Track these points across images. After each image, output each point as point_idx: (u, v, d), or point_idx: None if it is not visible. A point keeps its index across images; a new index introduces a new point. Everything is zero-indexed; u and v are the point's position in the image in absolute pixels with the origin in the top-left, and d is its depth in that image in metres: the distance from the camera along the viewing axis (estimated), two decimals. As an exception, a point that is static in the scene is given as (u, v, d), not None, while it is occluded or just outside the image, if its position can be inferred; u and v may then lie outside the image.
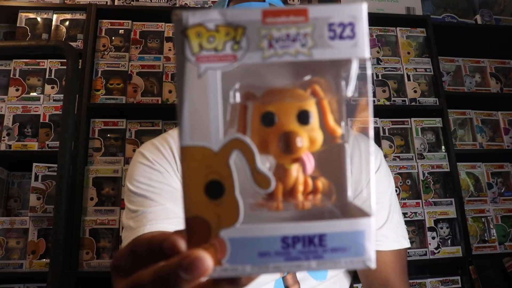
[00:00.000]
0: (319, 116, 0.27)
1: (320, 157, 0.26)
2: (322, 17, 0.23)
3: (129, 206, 0.69)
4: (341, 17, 0.23)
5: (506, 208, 1.53)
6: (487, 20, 1.82)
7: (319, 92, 0.26)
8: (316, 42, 0.23)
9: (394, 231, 0.74)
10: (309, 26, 0.23)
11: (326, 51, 0.23)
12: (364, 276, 0.75)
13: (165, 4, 1.61)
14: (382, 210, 0.75)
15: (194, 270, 0.23)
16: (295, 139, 0.25)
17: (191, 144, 0.24)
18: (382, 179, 0.77)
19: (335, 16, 0.23)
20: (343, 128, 0.25)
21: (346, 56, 0.23)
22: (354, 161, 0.75)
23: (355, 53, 0.23)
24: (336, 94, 0.26)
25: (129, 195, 0.70)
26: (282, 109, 0.25)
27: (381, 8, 1.71)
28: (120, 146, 1.42)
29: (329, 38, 0.23)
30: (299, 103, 0.25)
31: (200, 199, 0.24)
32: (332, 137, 0.25)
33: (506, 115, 1.65)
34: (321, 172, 0.26)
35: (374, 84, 1.56)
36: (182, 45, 0.21)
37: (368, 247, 0.25)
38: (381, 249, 0.72)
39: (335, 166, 0.25)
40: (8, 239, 1.31)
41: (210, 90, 0.23)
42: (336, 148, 0.25)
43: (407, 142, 1.54)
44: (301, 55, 0.23)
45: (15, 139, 1.38)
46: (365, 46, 0.23)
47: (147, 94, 1.48)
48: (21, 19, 1.52)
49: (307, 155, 0.26)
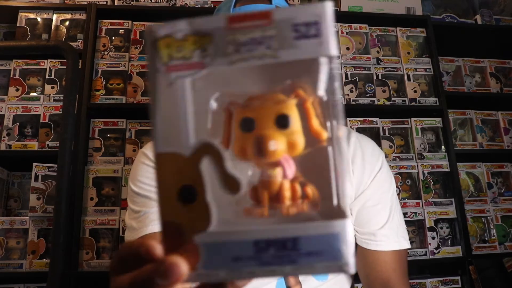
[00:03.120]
0: (303, 119, 0.26)
1: (305, 161, 0.26)
2: (286, 18, 0.23)
3: (132, 206, 0.70)
4: (305, 17, 0.23)
5: (506, 208, 1.53)
6: (487, 20, 1.82)
7: (302, 95, 0.26)
8: (282, 43, 0.23)
9: (395, 232, 0.74)
10: (274, 28, 0.23)
11: (292, 51, 0.23)
12: (365, 277, 0.75)
13: (165, 4, 1.61)
14: (383, 211, 0.74)
15: (169, 276, 0.23)
16: (268, 143, 0.25)
17: (163, 151, 0.24)
18: (383, 180, 0.76)
19: (299, 16, 0.23)
20: (329, 130, 0.24)
21: (312, 55, 0.23)
22: (356, 161, 0.76)
23: (321, 51, 0.23)
24: (320, 97, 0.25)
25: (132, 196, 0.71)
26: (261, 115, 0.25)
27: (381, 8, 1.71)
28: (120, 146, 1.42)
29: (294, 39, 0.23)
30: (278, 107, 0.25)
31: (174, 204, 0.24)
32: (318, 140, 0.25)
33: (506, 115, 1.65)
34: (306, 176, 0.25)
35: (374, 84, 1.56)
36: (153, 56, 0.21)
37: (345, 250, 0.24)
38: (381, 249, 0.72)
39: (318, 170, 0.24)
40: (8, 239, 1.31)
41: (179, 97, 0.23)
42: (320, 151, 0.24)
43: (407, 142, 1.54)
44: (267, 58, 0.23)
45: (15, 139, 1.38)
46: (331, 43, 0.23)
47: (147, 94, 1.48)
48: (21, 19, 1.52)
49: (286, 159, 0.26)
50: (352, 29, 1.62)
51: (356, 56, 1.58)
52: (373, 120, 1.52)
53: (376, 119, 1.53)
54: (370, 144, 0.80)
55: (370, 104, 1.53)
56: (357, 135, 0.81)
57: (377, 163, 0.77)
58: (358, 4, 1.70)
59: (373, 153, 0.78)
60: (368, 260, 0.74)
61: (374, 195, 0.74)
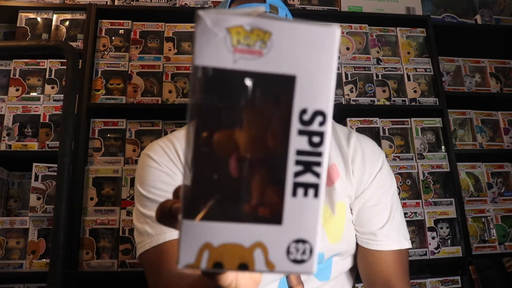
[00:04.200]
0: None
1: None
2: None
3: (142, 210, 0.70)
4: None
5: (506, 208, 1.53)
6: (487, 20, 1.82)
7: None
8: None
9: (396, 231, 0.74)
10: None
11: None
12: (366, 277, 0.75)
13: (165, 4, 1.61)
14: (384, 211, 0.74)
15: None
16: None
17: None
18: (384, 180, 0.76)
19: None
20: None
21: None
22: (356, 161, 0.76)
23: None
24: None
25: (141, 199, 0.71)
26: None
27: (381, 8, 1.71)
28: (120, 146, 1.42)
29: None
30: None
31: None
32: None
33: (506, 115, 1.65)
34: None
35: (374, 84, 1.56)
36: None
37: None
38: (382, 249, 0.72)
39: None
40: (8, 239, 1.31)
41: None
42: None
43: (407, 142, 1.54)
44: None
45: (15, 139, 1.38)
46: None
47: (147, 94, 1.48)
48: (21, 19, 1.52)
49: None
50: (352, 29, 1.62)
51: (356, 56, 1.58)
52: (373, 120, 1.52)
53: (376, 119, 1.53)
54: (371, 144, 0.80)
55: (370, 104, 1.53)
56: (357, 135, 0.81)
57: (377, 162, 0.77)
58: (358, 4, 1.70)
59: (374, 152, 0.78)
60: (369, 260, 0.74)
61: (374, 195, 0.75)
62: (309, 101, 0.25)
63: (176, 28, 1.55)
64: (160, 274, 0.64)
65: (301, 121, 0.25)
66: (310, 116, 0.25)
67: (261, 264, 0.25)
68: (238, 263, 0.25)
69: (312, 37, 0.25)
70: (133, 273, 1.29)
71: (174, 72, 1.49)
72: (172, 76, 1.49)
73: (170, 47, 1.53)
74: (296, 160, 0.25)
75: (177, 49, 1.53)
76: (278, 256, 0.25)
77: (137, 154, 1.41)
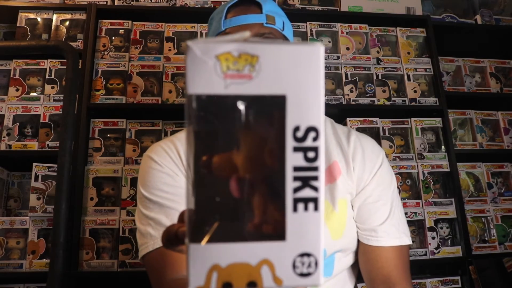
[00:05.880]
0: None
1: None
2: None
3: (144, 211, 0.70)
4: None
5: (506, 208, 1.52)
6: (487, 20, 1.82)
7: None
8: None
9: (396, 228, 0.74)
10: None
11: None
12: (366, 273, 0.76)
13: (165, 4, 1.61)
14: (384, 207, 0.75)
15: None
16: None
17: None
18: (384, 177, 0.77)
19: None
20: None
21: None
22: (356, 159, 0.77)
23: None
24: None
25: (144, 201, 0.71)
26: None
27: (381, 8, 1.71)
28: (120, 146, 1.42)
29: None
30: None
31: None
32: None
33: (506, 115, 1.65)
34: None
35: (374, 84, 1.56)
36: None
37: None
38: (382, 245, 0.73)
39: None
40: (8, 239, 1.31)
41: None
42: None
43: (407, 142, 1.54)
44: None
45: (15, 139, 1.38)
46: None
47: (147, 94, 1.48)
48: (21, 19, 1.52)
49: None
50: (352, 29, 1.62)
51: (356, 56, 1.58)
52: (373, 120, 1.52)
53: (376, 119, 1.53)
54: (370, 142, 0.81)
55: (370, 104, 1.53)
56: (357, 134, 0.82)
57: (377, 160, 0.78)
58: (358, 4, 1.70)
59: (373, 150, 0.79)
60: (369, 256, 0.74)
61: (374, 192, 0.75)
62: (301, 118, 0.26)
63: (176, 28, 1.55)
64: (163, 278, 0.64)
65: (295, 138, 0.26)
66: (303, 133, 0.26)
67: (269, 281, 0.26)
68: (247, 282, 0.26)
69: (297, 56, 0.26)
70: (133, 273, 1.29)
71: (174, 72, 1.49)
72: (172, 76, 1.49)
73: (170, 47, 1.53)
74: (294, 176, 0.26)
75: (177, 49, 1.53)
76: (285, 271, 0.26)
77: (137, 154, 1.41)
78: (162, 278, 0.64)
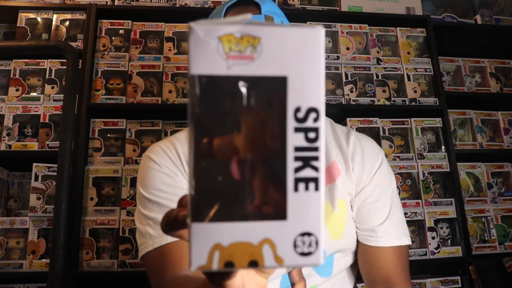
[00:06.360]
0: None
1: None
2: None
3: (144, 211, 0.70)
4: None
5: (506, 208, 1.53)
6: (487, 20, 1.82)
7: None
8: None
9: (395, 228, 0.74)
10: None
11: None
12: (366, 273, 0.76)
13: (165, 4, 1.61)
14: (383, 207, 0.75)
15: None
16: None
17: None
18: (383, 177, 0.77)
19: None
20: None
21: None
22: (356, 159, 0.77)
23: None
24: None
25: (143, 201, 0.71)
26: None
27: (381, 8, 1.71)
28: (120, 146, 1.42)
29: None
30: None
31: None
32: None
33: (506, 115, 1.65)
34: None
35: (374, 84, 1.56)
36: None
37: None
38: (381, 245, 0.73)
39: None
40: (8, 239, 1.31)
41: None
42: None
43: (407, 142, 1.54)
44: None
45: (15, 139, 1.38)
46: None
47: (147, 94, 1.48)
48: (21, 19, 1.52)
49: None
50: (352, 29, 1.62)
51: (356, 56, 1.58)
52: (373, 120, 1.52)
53: (376, 119, 1.53)
54: (370, 142, 0.81)
55: (370, 104, 1.53)
56: (356, 134, 0.82)
57: (376, 160, 0.78)
58: (358, 4, 1.70)
59: (373, 150, 0.79)
60: (369, 256, 0.74)
61: (374, 192, 0.75)
62: (302, 99, 0.26)
63: (176, 28, 1.55)
64: (163, 277, 0.64)
65: (296, 119, 0.26)
66: (304, 114, 0.26)
67: (270, 260, 0.26)
68: (248, 261, 0.26)
69: (298, 38, 0.26)
70: (133, 273, 1.29)
71: (174, 72, 1.49)
72: (172, 76, 1.49)
73: (170, 47, 1.53)
74: (295, 156, 0.26)
75: (177, 49, 1.53)
76: (286, 251, 0.26)
77: (137, 154, 1.41)
78: (162, 277, 0.64)
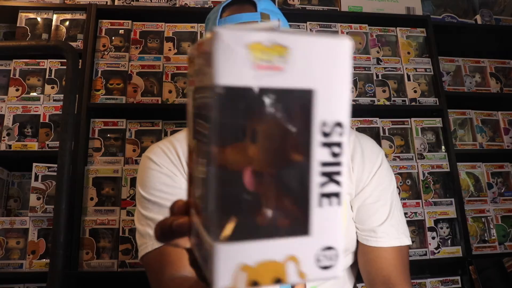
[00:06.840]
0: None
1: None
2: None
3: (143, 212, 0.70)
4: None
5: (506, 208, 1.53)
6: (487, 20, 1.82)
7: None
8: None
9: (395, 228, 0.74)
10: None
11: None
12: (366, 274, 0.75)
13: (165, 4, 1.61)
14: (383, 208, 0.75)
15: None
16: None
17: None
18: (383, 177, 0.77)
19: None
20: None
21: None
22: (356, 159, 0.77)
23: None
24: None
25: (143, 201, 0.71)
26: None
27: (381, 8, 1.71)
28: (120, 146, 1.42)
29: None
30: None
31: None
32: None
33: (506, 115, 1.65)
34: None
35: (374, 84, 1.56)
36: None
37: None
38: (381, 245, 0.73)
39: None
40: (8, 239, 1.31)
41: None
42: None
43: (407, 142, 1.54)
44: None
45: (15, 139, 1.38)
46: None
47: (147, 94, 1.48)
48: (21, 19, 1.52)
49: None
50: (352, 29, 1.62)
51: (356, 56, 1.58)
52: (373, 120, 1.52)
53: (376, 119, 1.53)
54: (370, 142, 0.81)
55: (370, 104, 1.53)
56: (356, 134, 0.82)
57: (376, 160, 0.78)
58: (358, 4, 1.70)
59: (373, 150, 0.79)
60: (369, 257, 0.74)
61: (374, 192, 0.75)
62: (329, 113, 0.25)
63: (176, 28, 1.55)
64: (162, 277, 0.64)
65: (323, 134, 0.25)
66: (330, 128, 0.25)
67: (294, 276, 0.26)
68: (273, 278, 0.25)
69: (326, 50, 0.25)
70: (133, 273, 1.29)
71: (174, 72, 1.49)
72: (172, 76, 1.49)
73: (170, 47, 1.53)
74: (320, 171, 0.26)
75: (177, 49, 1.53)
76: (309, 266, 0.26)
77: (137, 154, 1.41)
78: (161, 277, 0.64)
